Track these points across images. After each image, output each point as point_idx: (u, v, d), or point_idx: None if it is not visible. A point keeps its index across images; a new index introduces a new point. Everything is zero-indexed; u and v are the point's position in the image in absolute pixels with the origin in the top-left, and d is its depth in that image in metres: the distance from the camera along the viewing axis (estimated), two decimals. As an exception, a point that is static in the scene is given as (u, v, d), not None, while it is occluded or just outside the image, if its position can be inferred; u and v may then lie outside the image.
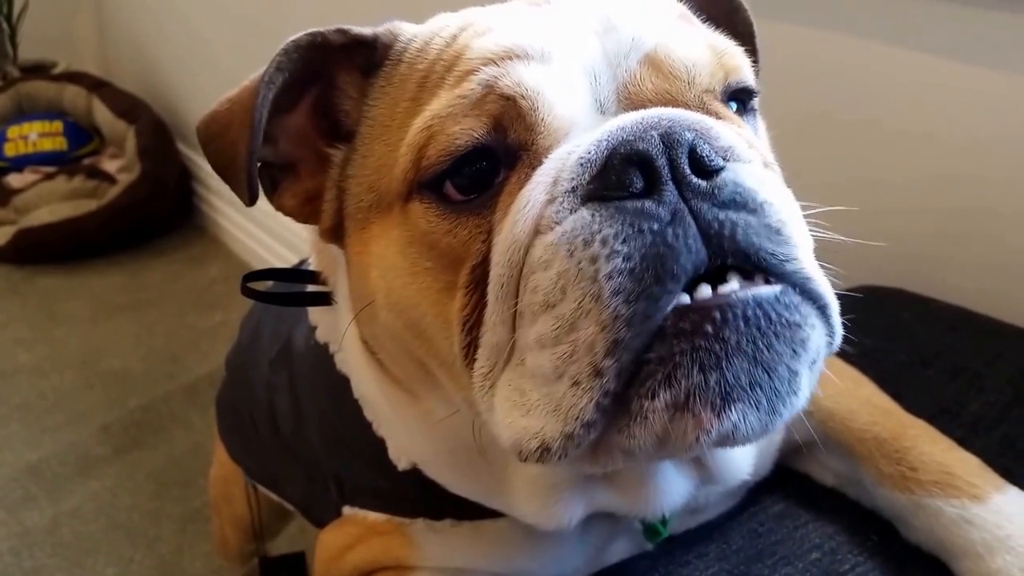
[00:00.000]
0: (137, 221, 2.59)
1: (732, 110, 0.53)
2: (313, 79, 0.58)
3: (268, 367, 0.83)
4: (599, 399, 0.41)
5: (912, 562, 0.60)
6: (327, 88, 0.58)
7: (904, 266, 0.91)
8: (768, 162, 0.52)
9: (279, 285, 0.81)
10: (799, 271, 0.44)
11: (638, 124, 0.45)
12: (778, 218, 0.44)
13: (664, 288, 0.41)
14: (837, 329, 0.46)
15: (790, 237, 0.44)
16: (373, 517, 0.68)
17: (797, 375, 0.43)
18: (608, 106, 0.49)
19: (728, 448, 0.53)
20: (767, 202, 0.44)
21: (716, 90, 0.52)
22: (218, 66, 2.42)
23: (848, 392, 0.68)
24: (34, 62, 3.11)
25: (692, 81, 0.50)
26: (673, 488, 0.58)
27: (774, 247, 0.43)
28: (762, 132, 0.59)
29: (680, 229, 0.42)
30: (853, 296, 0.46)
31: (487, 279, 0.47)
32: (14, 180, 2.70)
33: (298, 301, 0.72)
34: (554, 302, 0.43)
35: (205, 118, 0.57)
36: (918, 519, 0.60)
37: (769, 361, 0.41)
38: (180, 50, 2.72)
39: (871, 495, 0.64)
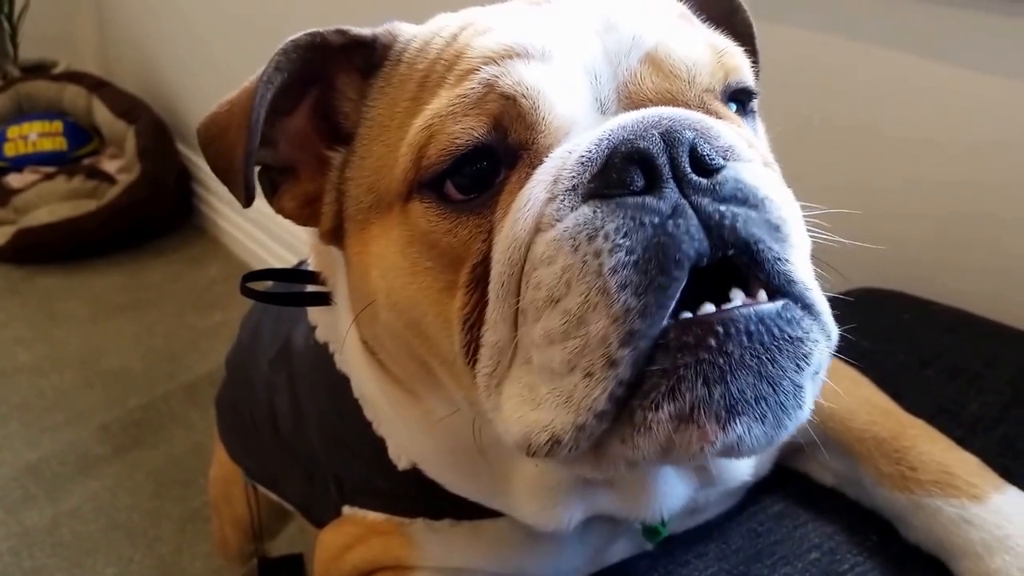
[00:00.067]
0: (137, 221, 2.59)
1: (732, 111, 0.53)
2: (312, 81, 0.58)
3: (268, 367, 0.83)
4: (613, 388, 0.42)
5: (911, 562, 0.61)
6: (326, 90, 0.58)
7: (904, 269, 0.91)
8: (768, 162, 0.52)
9: (278, 285, 0.82)
10: (795, 278, 0.44)
11: (639, 123, 0.45)
12: (778, 215, 0.44)
13: (670, 276, 0.41)
14: (833, 332, 0.46)
15: (789, 235, 0.44)
16: (373, 517, 0.68)
17: (801, 388, 0.43)
18: (608, 105, 0.49)
19: (731, 458, 0.53)
20: (768, 198, 0.44)
21: (716, 90, 0.52)
22: (218, 66, 2.42)
23: (847, 392, 0.68)
24: (35, 62, 3.11)
25: (692, 80, 0.51)
26: (673, 491, 0.58)
27: (773, 242, 0.43)
28: (761, 133, 0.59)
29: (681, 220, 0.42)
30: (853, 299, 0.46)
31: (488, 278, 0.47)
32: (14, 180, 2.70)
33: (297, 301, 0.73)
34: (559, 297, 0.43)
35: (205, 120, 0.57)
36: (917, 519, 0.60)
37: (773, 375, 0.42)
38: (180, 50, 2.72)
39: (870, 495, 0.64)
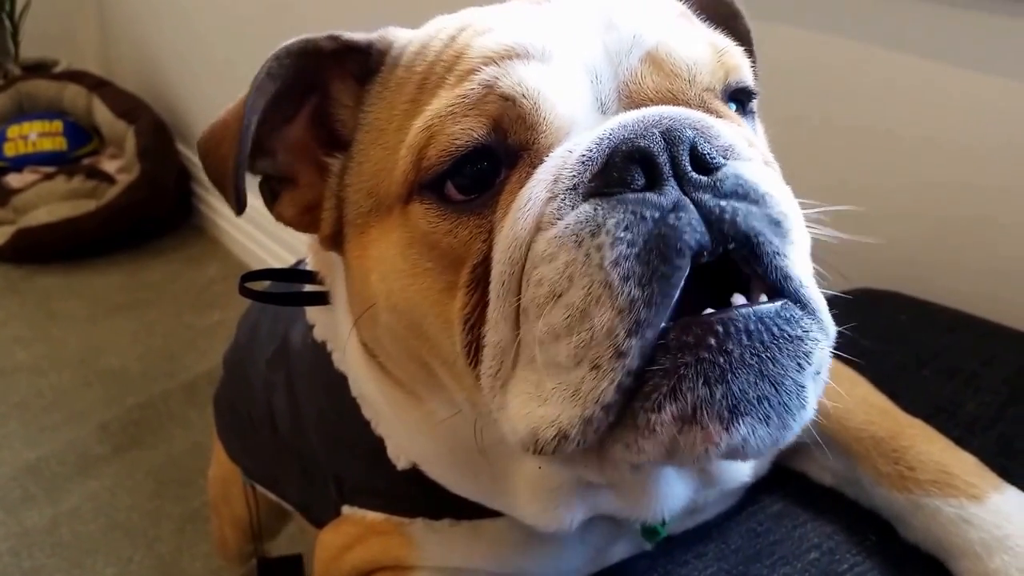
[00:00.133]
0: (136, 221, 2.59)
1: (732, 110, 0.53)
2: (309, 89, 0.58)
3: (265, 366, 0.83)
4: (621, 379, 0.41)
5: (910, 562, 0.61)
6: (322, 98, 0.58)
7: (901, 270, 0.91)
8: (768, 161, 0.52)
9: (277, 285, 0.82)
10: (792, 274, 0.44)
11: (639, 122, 0.45)
12: (779, 210, 0.44)
13: (672, 265, 0.41)
14: (831, 331, 0.46)
15: (789, 231, 0.44)
16: (372, 516, 0.68)
17: (803, 388, 0.43)
18: (609, 105, 0.49)
19: (737, 460, 0.53)
20: (768, 194, 0.44)
21: (716, 89, 0.52)
22: (219, 67, 2.42)
23: (845, 392, 0.67)
24: (36, 60, 3.11)
25: (693, 79, 0.51)
26: (673, 492, 0.58)
27: (772, 236, 0.43)
28: (761, 133, 0.59)
29: (683, 213, 0.42)
30: (851, 298, 0.46)
31: (488, 278, 0.47)
32: (13, 180, 2.70)
33: (295, 301, 0.73)
34: (561, 292, 0.43)
35: (204, 133, 0.58)
36: (916, 518, 0.60)
37: (775, 374, 0.42)
38: (181, 50, 2.71)
39: (869, 495, 0.64)
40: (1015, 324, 0.79)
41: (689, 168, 0.44)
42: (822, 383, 0.45)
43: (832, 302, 0.46)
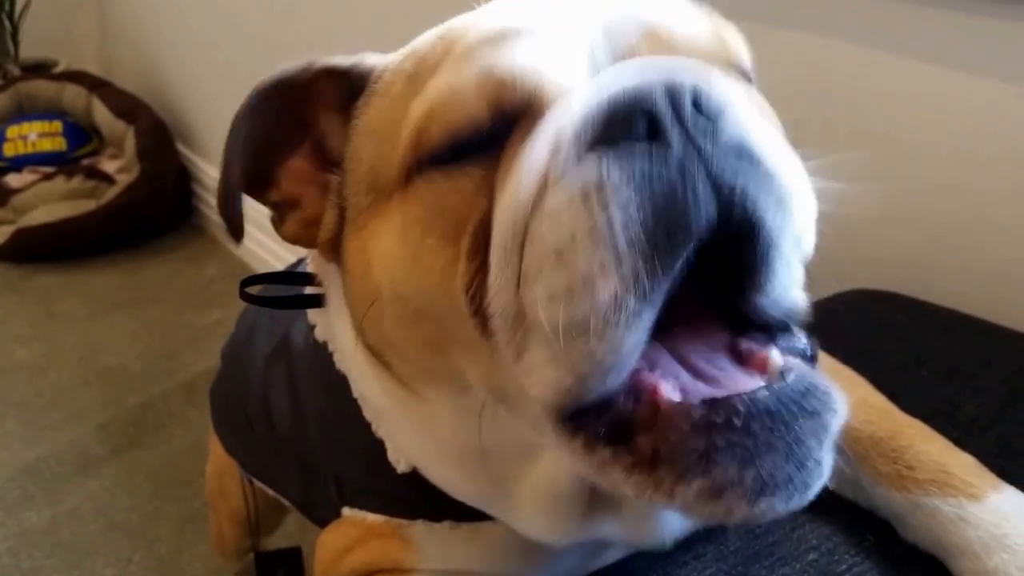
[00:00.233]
0: (136, 221, 2.59)
1: None
2: (305, 125, 0.60)
3: (263, 362, 0.82)
4: (644, 323, 0.41)
5: (909, 561, 0.61)
6: (312, 129, 0.60)
7: (899, 271, 0.91)
8: (766, 116, 0.51)
9: (277, 288, 0.82)
10: (777, 281, 0.43)
11: (638, 69, 0.44)
12: (784, 184, 0.43)
13: (678, 242, 0.40)
14: (807, 345, 0.46)
15: (791, 210, 0.43)
16: (372, 518, 0.67)
17: (822, 462, 0.43)
18: None
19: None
20: (772, 159, 0.44)
21: (716, 63, 0.52)
22: (219, 67, 2.42)
23: (844, 392, 0.68)
24: (35, 60, 3.11)
25: (692, 54, 0.50)
26: (673, 520, 0.58)
27: (775, 220, 0.42)
28: None
29: (690, 177, 0.41)
30: (848, 300, 0.46)
31: (489, 243, 0.46)
32: (13, 180, 2.70)
33: (296, 304, 0.73)
34: (563, 250, 0.42)
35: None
36: (915, 518, 0.60)
37: (800, 456, 0.42)
38: (181, 51, 2.72)
39: (868, 494, 0.64)
40: (1012, 325, 0.79)
41: (692, 113, 0.42)
42: (835, 447, 0.45)
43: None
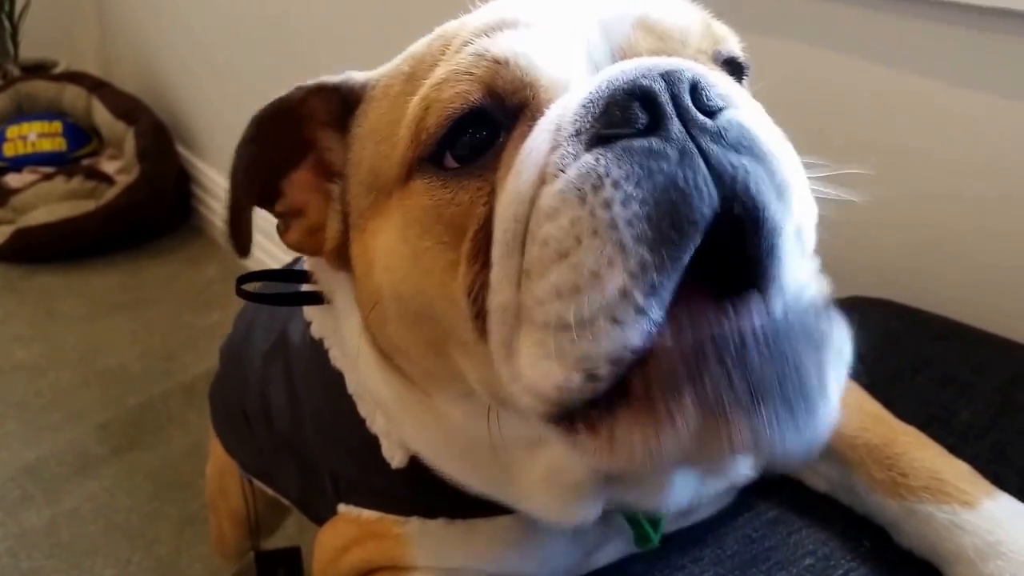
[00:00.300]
0: (135, 222, 2.59)
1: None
2: (307, 143, 0.61)
3: (261, 359, 0.83)
4: (648, 327, 0.40)
5: (905, 567, 0.61)
6: (312, 147, 0.61)
7: (893, 278, 0.91)
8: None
9: (274, 286, 0.82)
10: (784, 258, 0.43)
11: (639, 65, 0.45)
12: (783, 176, 0.44)
13: (683, 234, 0.40)
14: (835, 318, 0.44)
15: (791, 200, 0.43)
16: (367, 515, 0.68)
17: (824, 374, 0.42)
18: (604, 67, 0.49)
19: (768, 460, 0.50)
20: (773, 154, 0.44)
21: (708, 52, 0.53)
22: (218, 69, 2.42)
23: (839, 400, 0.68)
24: (35, 61, 3.11)
25: (685, 41, 0.51)
26: (683, 483, 0.57)
27: (776, 210, 0.42)
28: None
29: (690, 170, 0.41)
30: (843, 306, 0.46)
31: (490, 245, 0.46)
32: (13, 180, 2.70)
33: (292, 301, 0.73)
34: (567, 251, 0.42)
35: None
36: (909, 524, 0.61)
37: (795, 360, 0.41)
38: (181, 52, 2.72)
39: (863, 501, 0.65)
40: (1007, 333, 0.80)
41: (691, 106, 0.43)
42: (844, 371, 0.44)
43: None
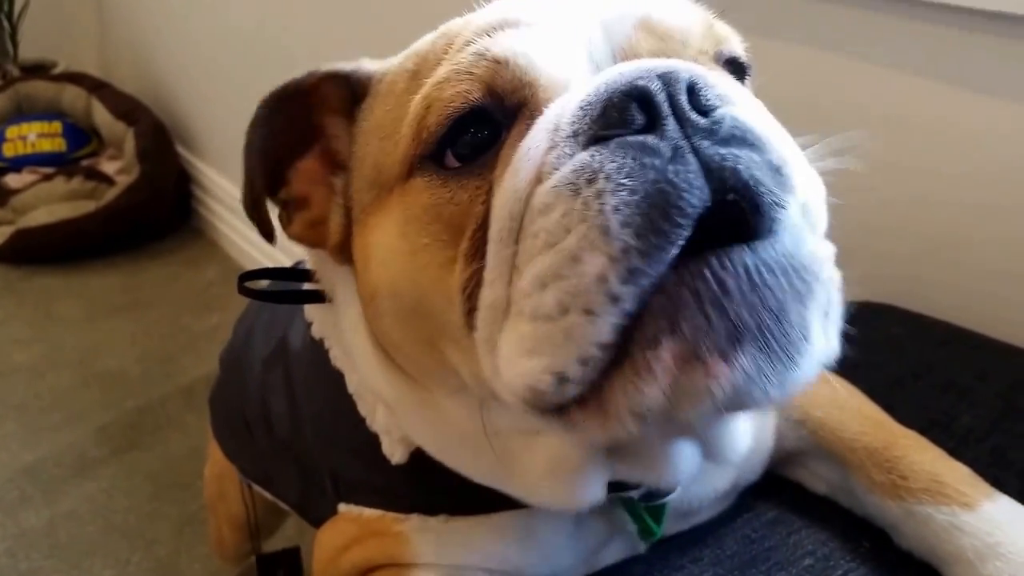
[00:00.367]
0: (135, 223, 2.59)
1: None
2: (315, 130, 0.61)
3: (261, 365, 0.83)
4: (618, 321, 0.40)
5: (904, 568, 0.61)
6: (320, 134, 0.62)
7: (896, 285, 0.92)
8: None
9: (275, 285, 0.83)
10: (789, 225, 0.43)
11: (637, 67, 0.45)
12: (778, 155, 0.44)
13: (671, 223, 0.40)
14: (833, 276, 0.45)
15: (789, 177, 0.43)
16: (368, 514, 0.68)
17: (806, 322, 0.42)
18: (604, 67, 0.49)
19: (745, 410, 0.49)
20: (767, 138, 0.44)
21: (710, 53, 0.53)
22: (217, 69, 2.43)
23: (839, 403, 0.69)
24: (34, 62, 3.11)
25: (686, 42, 0.52)
26: (685, 456, 0.57)
27: (773, 186, 0.42)
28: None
29: (681, 165, 0.41)
30: (845, 312, 0.46)
31: (487, 243, 0.47)
32: (12, 180, 2.70)
33: (294, 299, 0.73)
34: (555, 242, 0.42)
35: None
36: (909, 526, 0.61)
37: (774, 306, 0.41)
38: (180, 53, 2.72)
39: (863, 503, 0.65)
40: (1009, 339, 0.80)
41: (687, 108, 0.43)
42: (835, 324, 0.44)
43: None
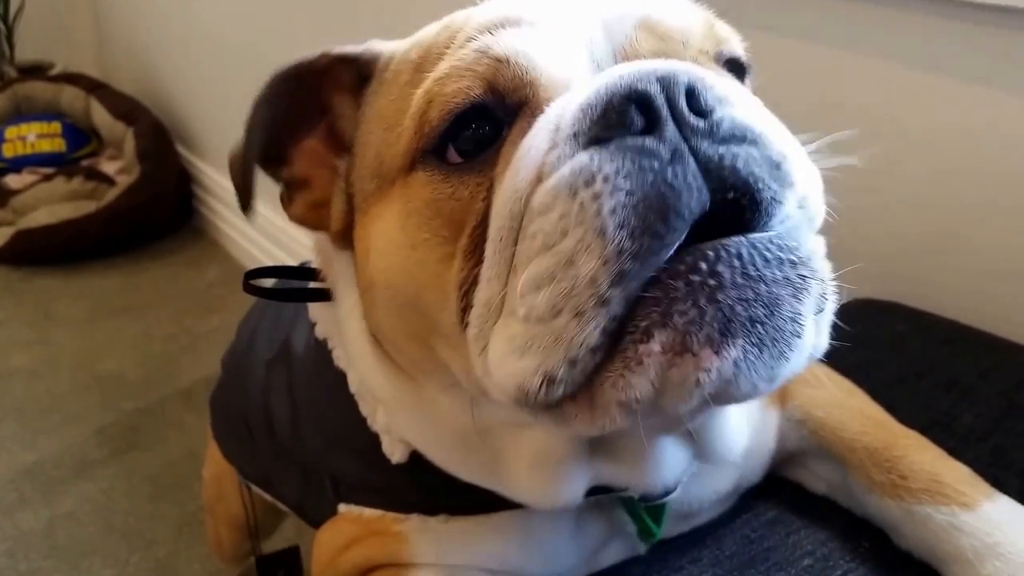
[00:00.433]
0: (136, 223, 2.60)
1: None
2: (322, 108, 0.61)
3: (264, 368, 0.83)
4: (606, 324, 0.41)
5: (904, 568, 0.61)
6: (327, 112, 0.61)
7: (900, 283, 0.91)
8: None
9: (280, 284, 0.82)
10: (787, 222, 0.43)
11: (637, 70, 0.45)
12: (777, 150, 0.44)
13: (668, 226, 0.40)
14: (824, 274, 0.45)
15: (789, 173, 0.44)
16: (368, 514, 0.68)
17: (799, 316, 0.42)
18: (605, 67, 0.50)
19: (733, 402, 0.49)
20: (765, 134, 0.44)
21: (710, 53, 0.53)
22: (216, 69, 2.43)
23: (840, 402, 0.69)
24: (31, 63, 3.11)
25: (687, 42, 0.52)
26: (672, 458, 0.57)
27: (772, 181, 0.42)
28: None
29: (680, 167, 0.41)
30: (848, 309, 0.46)
31: (486, 240, 0.47)
32: (12, 181, 2.70)
33: (299, 297, 0.73)
34: (553, 243, 0.43)
35: (231, 149, 0.62)
36: (908, 526, 0.61)
37: (768, 298, 0.41)
38: (178, 52, 2.72)
39: (862, 503, 0.65)
40: (1013, 337, 0.80)
41: (686, 110, 0.43)
42: (826, 322, 0.44)
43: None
